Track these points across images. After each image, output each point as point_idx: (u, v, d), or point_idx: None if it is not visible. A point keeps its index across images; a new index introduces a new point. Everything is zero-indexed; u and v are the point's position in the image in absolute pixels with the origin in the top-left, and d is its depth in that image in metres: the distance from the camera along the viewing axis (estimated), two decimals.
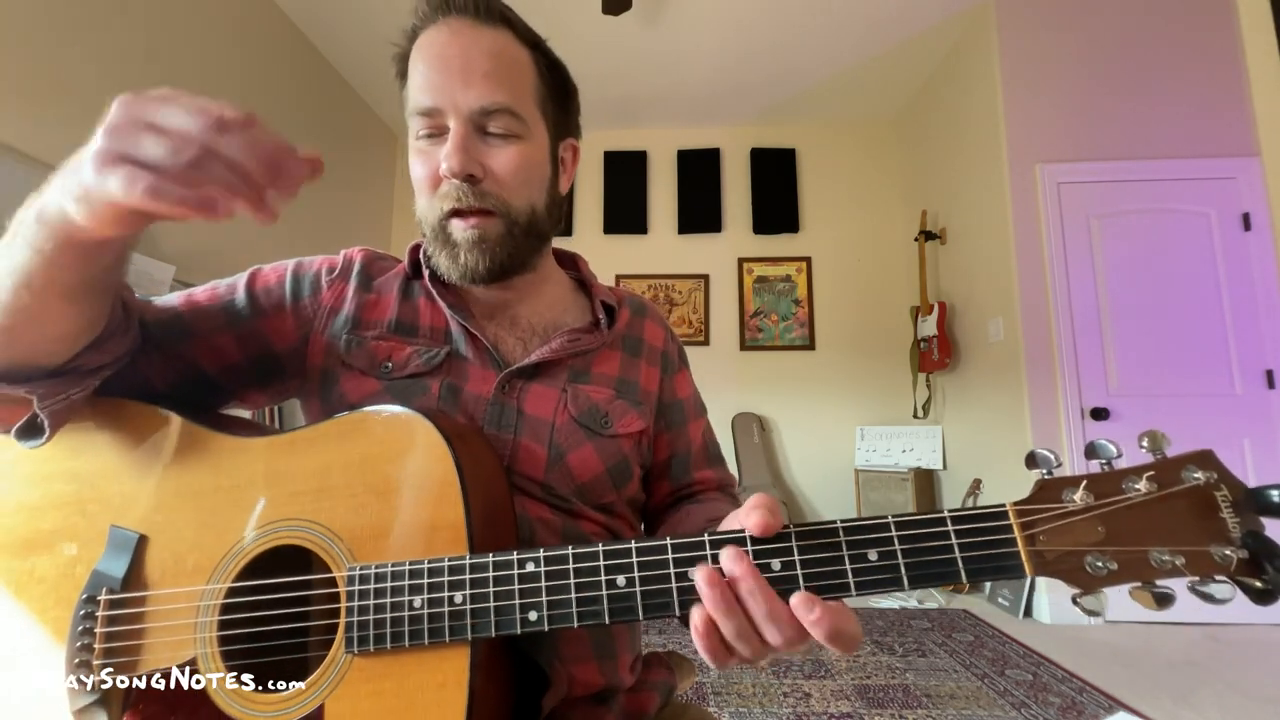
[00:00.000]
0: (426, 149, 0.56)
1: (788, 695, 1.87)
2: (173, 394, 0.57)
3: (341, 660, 0.43)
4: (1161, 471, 0.38)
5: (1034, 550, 0.37)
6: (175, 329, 0.57)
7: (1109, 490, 0.38)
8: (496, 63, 0.56)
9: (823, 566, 0.39)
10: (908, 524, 0.39)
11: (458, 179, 0.55)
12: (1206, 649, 2.26)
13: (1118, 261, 2.81)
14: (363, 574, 0.44)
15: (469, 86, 0.54)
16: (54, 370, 0.46)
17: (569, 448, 0.58)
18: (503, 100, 0.55)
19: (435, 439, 0.46)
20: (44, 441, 0.47)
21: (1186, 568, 0.36)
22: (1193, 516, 0.36)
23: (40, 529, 0.49)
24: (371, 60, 3.49)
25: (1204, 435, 2.60)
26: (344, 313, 0.61)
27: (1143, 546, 0.36)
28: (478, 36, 0.56)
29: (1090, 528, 0.37)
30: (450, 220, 0.57)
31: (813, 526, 0.40)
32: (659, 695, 0.62)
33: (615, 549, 0.41)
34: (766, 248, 4.15)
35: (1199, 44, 2.84)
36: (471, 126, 0.55)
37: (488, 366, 0.60)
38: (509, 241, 0.58)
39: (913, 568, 0.38)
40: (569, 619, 0.40)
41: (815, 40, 3.37)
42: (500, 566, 0.42)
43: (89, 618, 0.46)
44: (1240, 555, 0.35)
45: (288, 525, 0.47)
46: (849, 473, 3.77)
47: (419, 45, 0.57)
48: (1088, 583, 0.37)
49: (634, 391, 0.64)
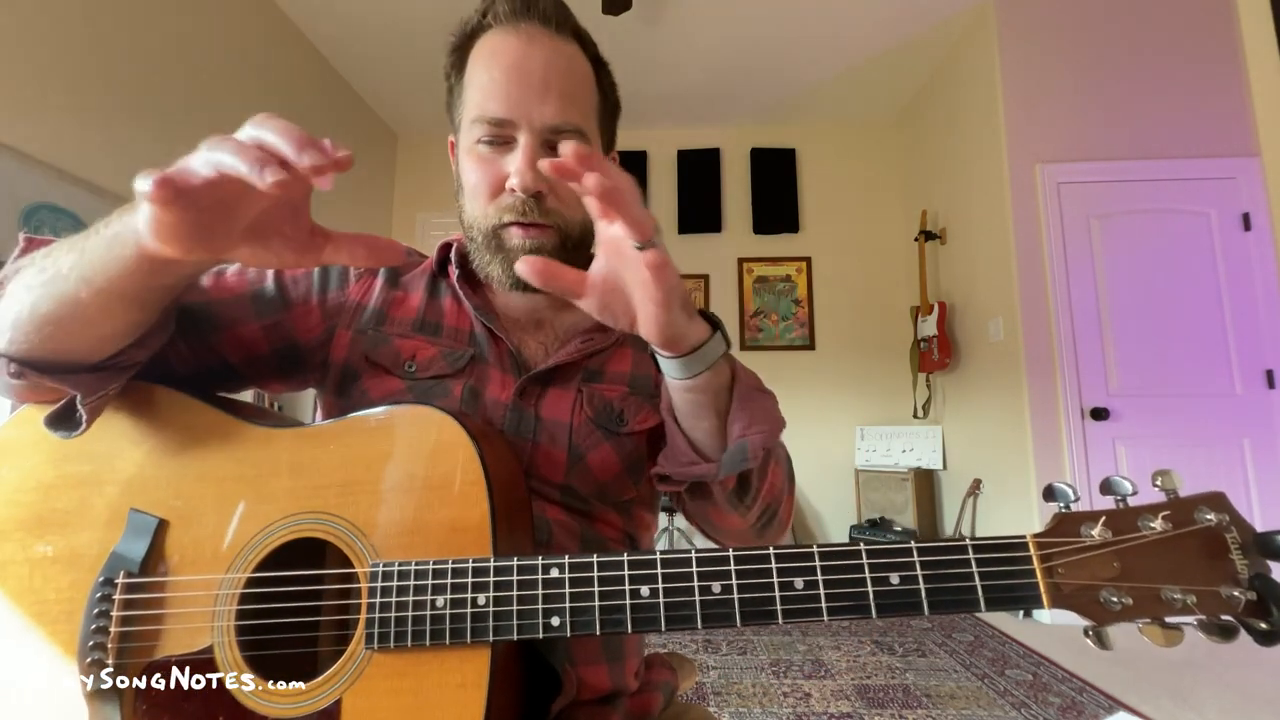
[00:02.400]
0: (488, 156, 0.56)
1: (788, 695, 1.87)
2: (193, 378, 0.57)
3: (361, 656, 0.43)
4: (1176, 511, 0.38)
5: (1052, 583, 0.38)
6: (202, 318, 0.57)
7: (1125, 527, 0.39)
8: (570, 80, 0.56)
9: (845, 587, 0.39)
10: (930, 550, 0.39)
11: (525, 194, 0.54)
12: (1206, 649, 2.25)
13: (1118, 261, 2.81)
14: (386, 570, 0.43)
15: (544, 103, 0.54)
16: (95, 365, 0.46)
17: (588, 449, 0.58)
18: (575, 120, 0.55)
19: (463, 439, 0.46)
20: (79, 434, 0.46)
21: (1197, 606, 0.37)
22: (1204, 557, 0.37)
23: (56, 508, 0.49)
24: (372, 60, 3.48)
25: (1204, 435, 2.62)
26: (370, 308, 0.61)
27: (1156, 584, 0.37)
28: (556, 50, 0.55)
29: (1106, 563, 0.38)
30: (508, 229, 0.56)
31: (836, 548, 0.40)
32: (662, 696, 0.62)
33: (640, 559, 0.41)
34: (766, 248, 4.16)
35: (1199, 44, 2.85)
36: (541, 141, 0.55)
37: (508, 371, 0.60)
38: (561, 255, 0.57)
39: (933, 593, 0.38)
40: (591, 626, 0.41)
41: (815, 40, 3.38)
42: (524, 570, 0.42)
43: (105, 600, 0.46)
44: (1249, 597, 0.36)
45: (311, 518, 0.46)
46: (849, 473, 3.78)
47: (489, 47, 0.56)
48: (1101, 616, 0.38)
49: (647, 386, 0.64)
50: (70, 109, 2.03)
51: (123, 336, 0.45)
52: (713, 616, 0.39)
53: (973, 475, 3.21)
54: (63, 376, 0.44)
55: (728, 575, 0.40)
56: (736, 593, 0.40)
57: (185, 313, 0.56)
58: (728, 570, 0.40)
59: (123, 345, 0.46)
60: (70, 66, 2.04)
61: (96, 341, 0.44)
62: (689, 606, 0.40)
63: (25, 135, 1.89)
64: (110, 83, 2.18)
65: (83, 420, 0.46)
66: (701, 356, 0.45)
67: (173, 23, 2.46)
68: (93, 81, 2.11)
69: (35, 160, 1.92)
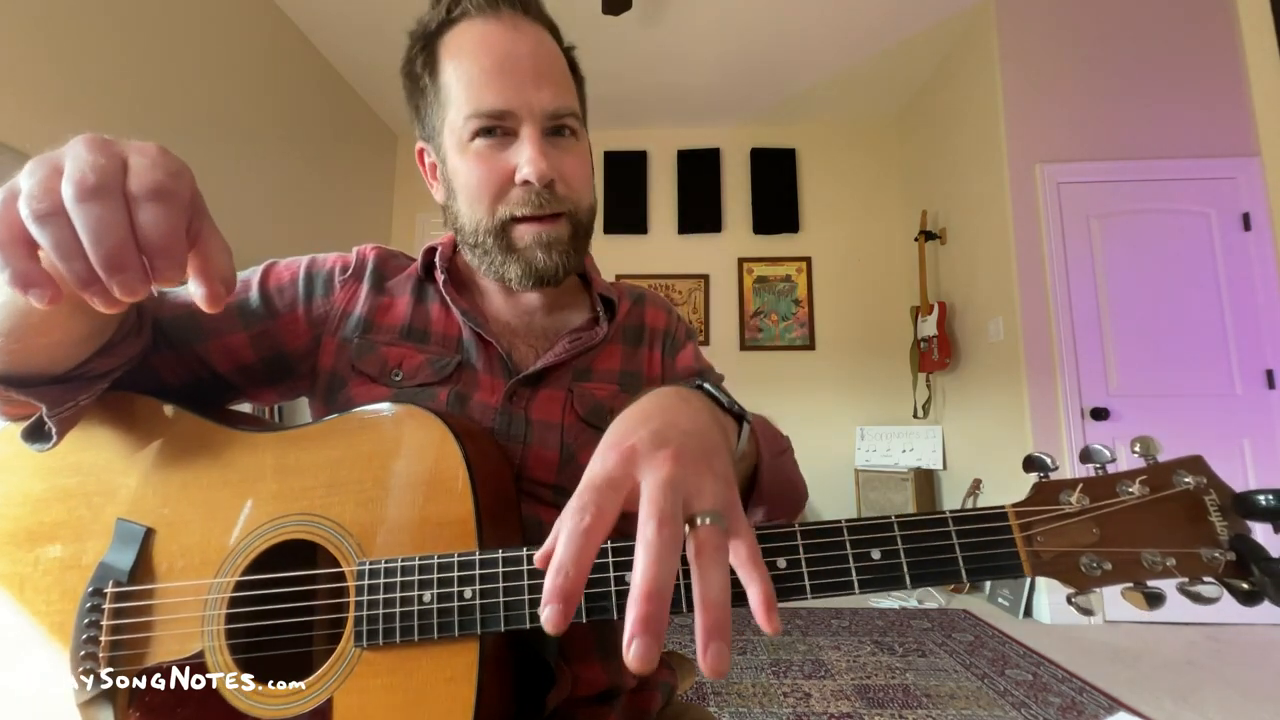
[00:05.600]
0: (488, 153, 0.53)
1: (788, 695, 1.87)
2: (184, 390, 0.57)
3: (350, 654, 0.43)
4: (1153, 476, 0.39)
5: (1032, 551, 0.38)
6: (189, 328, 0.56)
7: (1103, 493, 0.39)
8: (556, 63, 0.55)
9: (827, 565, 0.39)
10: (910, 524, 0.39)
11: (540, 184, 0.52)
12: (1206, 649, 2.26)
13: (1118, 261, 2.81)
14: (372, 568, 0.43)
15: (541, 89, 0.52)
16: (60, 377, 0.45)
17: (579, 447, 0.58)
18: (570, 103, 0.55)
19: (445, 435, 0.46)
20: (51, 446, 0.46)
21: (1177, 569, 0.37)
22: (1183, 520, 0.38)
23: (45, 521, 0.49)
24: (371, 60, 3.49)
25: (1204, 435, 2.61)
26: (356, 315, 0.60)
27: (1135, 548, 0.37)
28: (538, 35, 0.54)
29: (1085, 529, 0.38)
30: (516, 225, 0.55)
31: (817, 526, 0.40)
32: (661, 695, 0.62)
33: (623, 545, 0.41)
34: (766, 248, 4.16)
35: (1199, 44, 2.84)
36: (544, 129, 0.53)
37: (497, 375, 0.59)
38: (574, 242, 0.57)
39: (915, 566, 0.39)
40: (578, 614, 0.40)
41: (815, 40, 3.38)
42: (510, 562, 0.42)
43: (95, 610, 0.46)
44: (1228, 557, 0.36)
45: (296, 520, 0.47)
46: (849, 473, 3.77)
47: (471, 37, 0.53)
48: (1082, 582, 0.38)
49: (637, 382, 0.64)
50: (71, 109, 2.03)
51: (80, 344, 0.44)
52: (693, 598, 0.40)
53: (973, 475, 3.21)
54: (28, 389, 0.43)
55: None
56: None
57: (174, 323, 0.56)
58: None
59: (86, 354, 0.45)
60: (71, 67, 2.04)
61: (54, 349, 0.42)
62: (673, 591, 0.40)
63: (26, 136, 1.90)
64: (111, 84, 2.18)
65: (52, 434, 0.45)
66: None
67: (173, 23, 2.46)
68: (93, 82, 2.11)
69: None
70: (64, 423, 0.46)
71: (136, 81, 2.29)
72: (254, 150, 2.94)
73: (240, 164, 2.84)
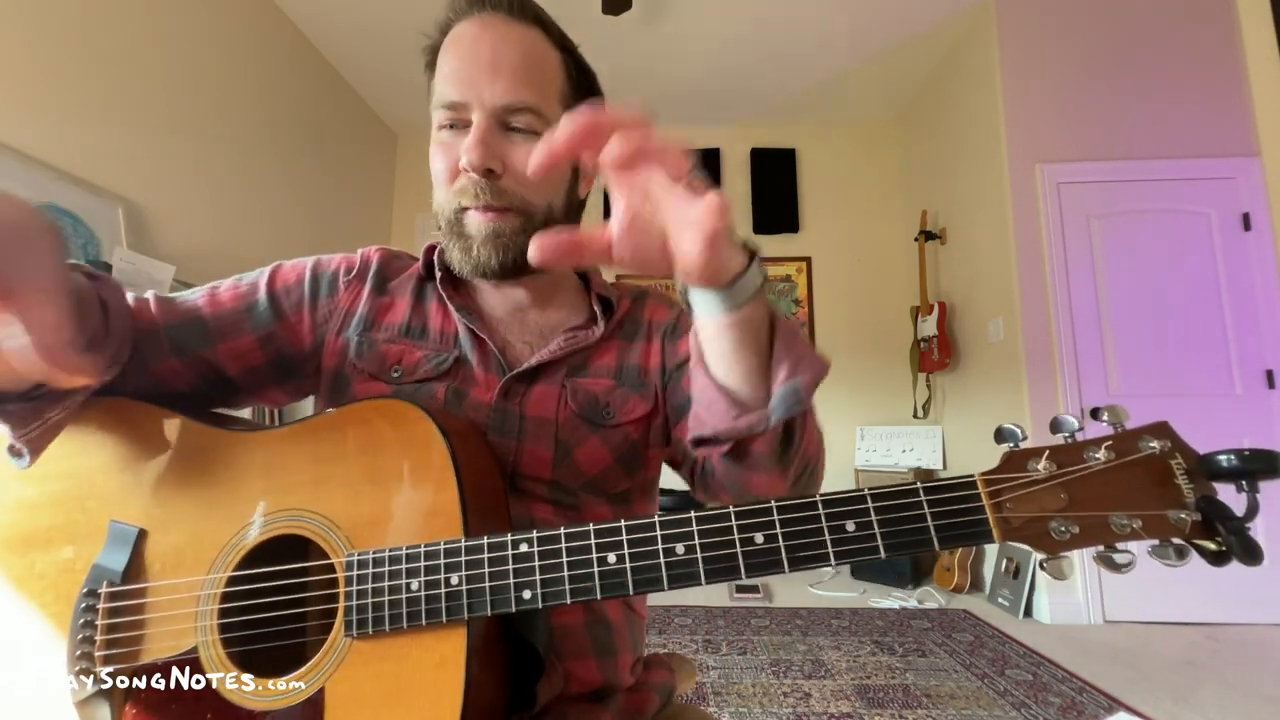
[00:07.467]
0: (448, 141, 0.56)
1: (788, 695, 1.87)
2: (193, 394, 0.58)
3: (341, 644, 0.43)
4: (1120, 442, 0.39)
5: (1001, 517, 0.39)
6: (198, 333, 0.57)
7: (1071, 460, 0.39)
8: (525, 60, 0.55)
9: (804, 539, 0.40)
10: (883, 495, 0.40)
11: (477, 173, 0.54)
12: (1206, 649, 2.26)
13: (1118, 261, 2.81)
14: (361, 559, 0.44)
15: (495, 81, 0.53)
16: (25, 394, 0.43)
17: (574, 443, 0.58)
18: (527, 98, 0.55)
19: (429, 427, 0.47)
20: (28, 464, 0.46)
21: (1144, 531, 0.37)
22: (1149, 483, 0.38)
23: (39, 526, 0.49)
24: (371, 60, 3.49)
25: (1204, 435, 2.58)
26: (358, 314, 0.62)
27: (1103, 511, 0.38)
28: (509, 32, 0.55)
29: (1053, 495, 0.39)
30: (466, 213, 0.56)
31: (793, 501, 0.41)
32: (658, 696, 0.62)
33: (606, 528, 0.42)
34: (766, 248, 4.15)
35: (1199, 44, 2.84)
36: (494, 121, 0.54)
37: (492, 371, 0.60)
38: (523, 239, 0.56)
39: (888, 536, 0.39)
40: (562, 596, 0.41)
41: (815, 40, 3.38)
42: (495, 548, 0.43)
43: (90, 610, 0.47)
44: (1194, 518, 0.37)
45: (286, 515, 0.47)
46: (849, 473, 3.77)
47: (450, 38, 0.56)
48: (1052, 547, 0.38)
49: (634, 375, 0.63)
50: (71, 110, 2.03)
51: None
52: (678, 577, 0.41)
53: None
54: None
55: (690, 536, 0.41)
56: (700, 552, 0.41)
57: (180, 329, 0.57)
58: (690, 532, 0.41)
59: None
60: (71, 68, 2.05)
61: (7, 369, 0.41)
62: (655, 570, 0.41)
63: (26, 136, 1.90)
64: (111, 84, 2.19)
65: (23, 452, 0.45)
66: (744, 286, 0.41)
67: (173, 23, 2.47)
68: (94, 82, 2.12)
69: (36, 161, 1.93)
70: (35, 441, 0.46)
71: (137, 82, 2.29)
72: (254, 150, 2.94)
73: (240, 164, 2.84)
